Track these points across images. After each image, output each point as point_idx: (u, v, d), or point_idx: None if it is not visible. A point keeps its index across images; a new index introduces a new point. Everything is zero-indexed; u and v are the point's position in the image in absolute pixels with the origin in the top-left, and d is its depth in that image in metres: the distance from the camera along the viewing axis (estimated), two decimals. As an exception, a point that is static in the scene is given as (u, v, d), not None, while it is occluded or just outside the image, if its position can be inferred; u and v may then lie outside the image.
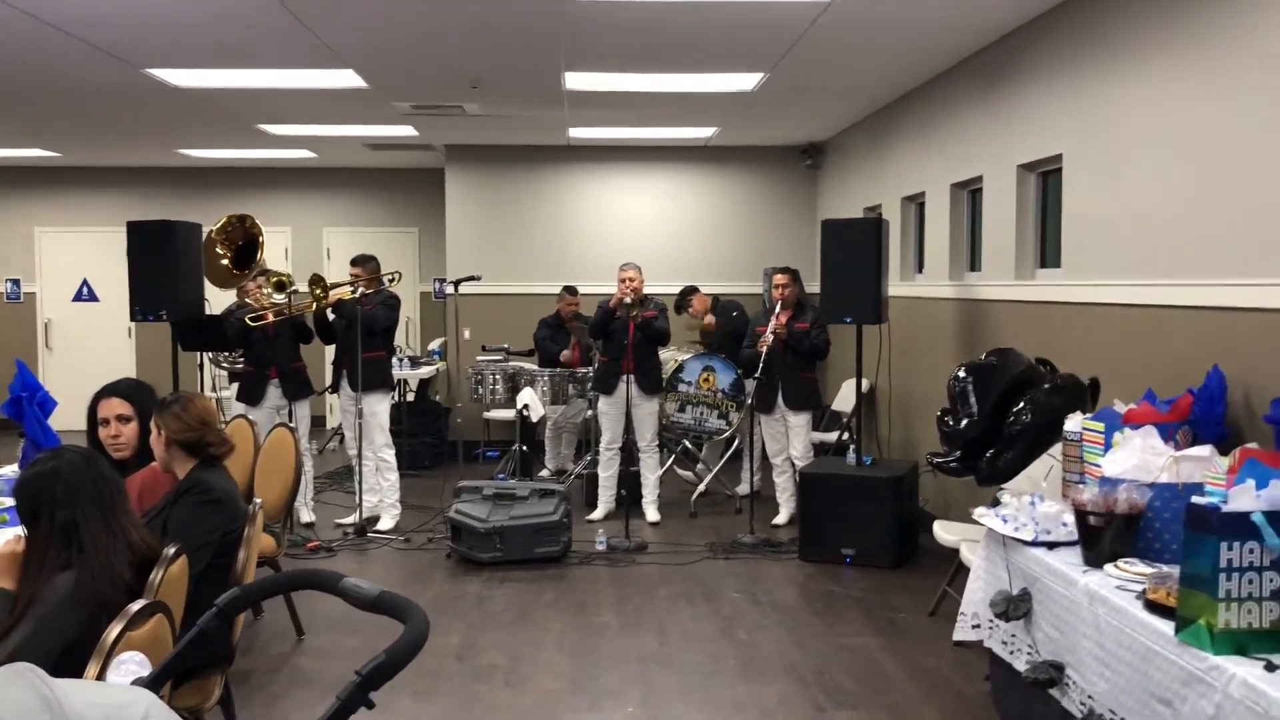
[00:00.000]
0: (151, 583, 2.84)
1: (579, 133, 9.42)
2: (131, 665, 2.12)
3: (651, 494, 7.62)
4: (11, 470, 4.76)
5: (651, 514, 7.57)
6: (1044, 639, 3.56)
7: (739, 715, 4.30)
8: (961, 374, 4.95)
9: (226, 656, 3.40)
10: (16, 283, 11.92)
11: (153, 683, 1.92)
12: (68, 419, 5.38)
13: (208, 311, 7.39)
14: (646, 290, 7.40)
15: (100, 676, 2.27)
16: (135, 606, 2.45)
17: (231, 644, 3.42)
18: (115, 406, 3.96)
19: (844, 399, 8.46)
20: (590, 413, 8.24)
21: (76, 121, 8.59)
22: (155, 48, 6.03)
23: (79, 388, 5.70)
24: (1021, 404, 4.64)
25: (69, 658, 2.58)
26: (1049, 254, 5.70)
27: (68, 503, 2.79)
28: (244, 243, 7.27)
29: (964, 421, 4.87)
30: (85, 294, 11.98)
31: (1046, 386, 4.64)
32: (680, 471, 8.73)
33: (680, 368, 7.85)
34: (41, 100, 7.60)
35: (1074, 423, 3.99)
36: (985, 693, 4.34)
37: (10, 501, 4.19)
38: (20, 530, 2.90)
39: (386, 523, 7.26)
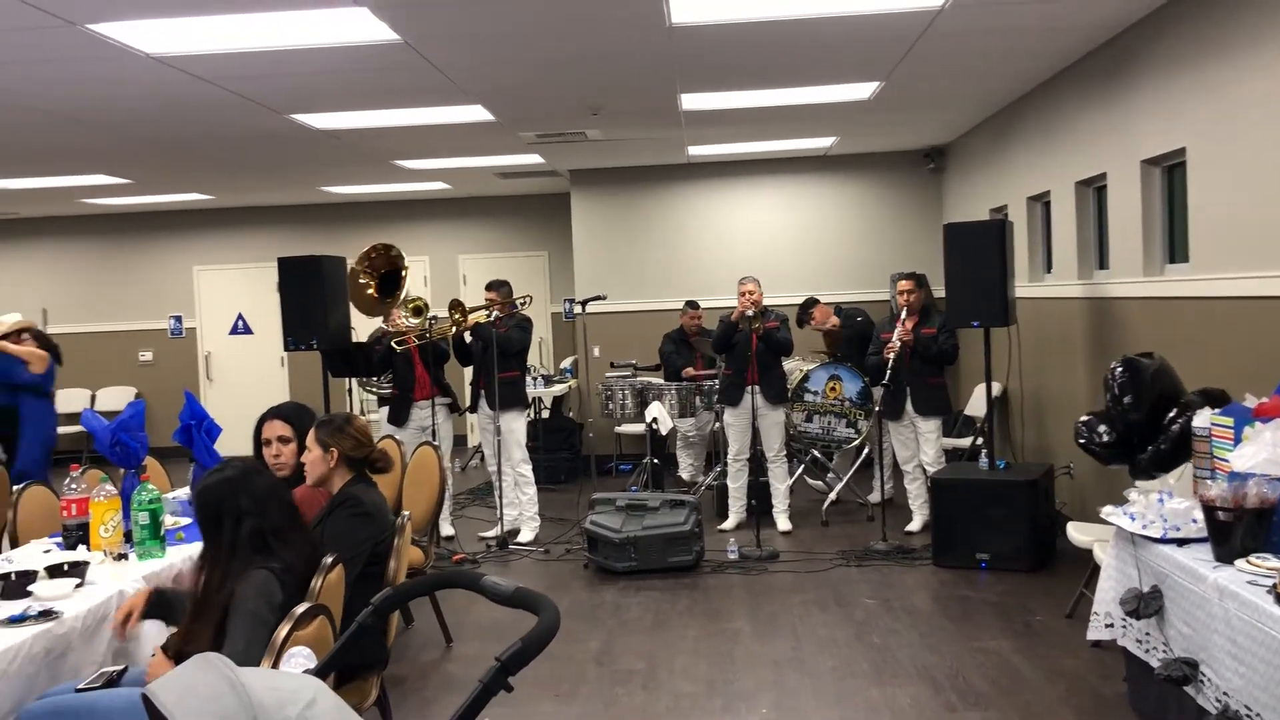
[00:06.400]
0: (313, 589, 3.11)
1: (698, 150, 9.60)
2: (300, 659, 2.35)
3: (782, 503, 7.70)
4: (185, 493, 5.17)
5: (783, 523, 7.65)
6: (1176, 636, 3.55)
7: (871, 716, 4.37)
8: (1120, 370, 4.77)
9: (382, 659, 3.66)
10: (179, 319, 12.73)
11: (319, 673, 2.14)
12: (230, 446, 5.78)
13: (355, 340, 7.78)
14: (771, 302, 7.50)
15: (273, 668, 2.52)
16: (300, 609, 2.71)
17: (386, 647, 3.68)
18: (277, 428, 4.30)
19: (976, 404, 8.39)
20: (717, 424, 8.37)
21: (229, 166, 9.18)
22: (297, 95, 6.44)
23: (238, 416, 6.12)
24: (1176, 410, 4.52)
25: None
26: (1177, 249, 5.61)
27: (254, 511, 3.07)
28: (387, 271, 7.63)
29: (1127, 398, 4.71)
30: (240, 327, 12.71)
31: (1198, 393, 4.53)
32: (810, 481, 8.79)
33: (806, 377, 7.92)
34: (199, 148, 8.18)
35: (1203, 418, 3.95)
36: (1123, 694, 4.31)
37: (186, 520, 4.59)
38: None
39: (526, 535, 7.53)
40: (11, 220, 12.67)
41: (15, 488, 5.11)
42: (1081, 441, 4.67)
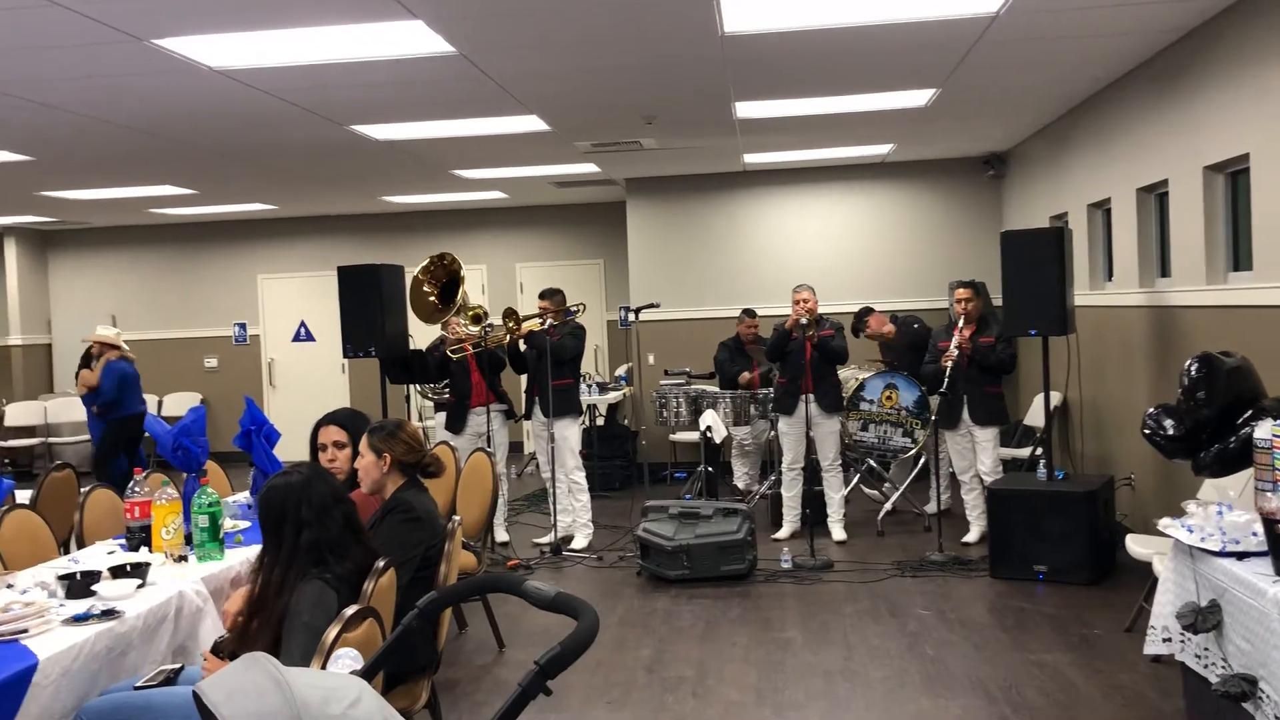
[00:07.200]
0: (365, 592, 3.16)
1: (754, 158, 9.59)
2: (347, 660, 2.40)
3: (837, 513, 7.66)
4: (245, 497, 5.28)
5: (837, 533, 7.60)
6: (1235, 651, 3.47)
7: (923, 728, 4.34)
8: (1195, 366, 4.62)
9: (432, 662, 3.70)
10: (243, 326, 12.99)
11: (365, 674, 2.18)
12: (290, 451, 5.89)
13: (412, 347, 7.89)
14: (827, 310, 7.47)
15: (321, 669, 2.57)
16: (350, 611, 2.76)
17: (436, 650, 3.73)
18: (333, 434, 4.38)
19: (1035, 413, 8.27)
20: (772, 433, 8.34)
21: (291, 176, 9.37)
22: (357, 106, 6.56)
23: (300, 421, 6.21)
24: (1252, 411, 4.40)
25: None
26: (1241, 256, 5.49)
27: (314, 522, 3.13)
28: (447, 280, 7.72)
29: (1200, 394, 4.56)
30: (303, 335, 12.94)
31: (1278, 400, 4.40)
32: (867, 491, 8.72)
33: (862, 386, 7.87)
34: (262, 159, 8.36)
35: (1264, 430, 3.85)
36: (1182, 710, 4.22)
37: (245, 524, 4.69)
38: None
39: (580, 542, 7.57)
40: (84, 230, 13.04)
41: (82, 490, 5.26)
42: (1146, 432, 4.54)
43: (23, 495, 5.33)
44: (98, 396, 8.78)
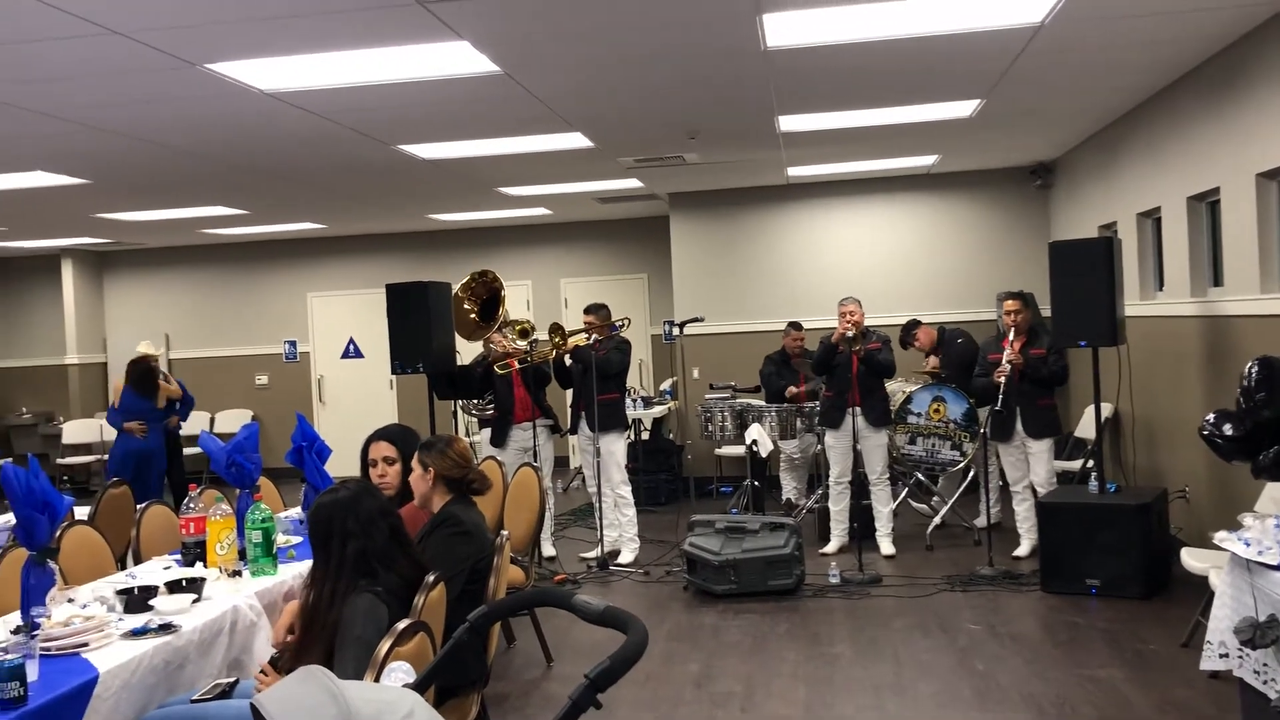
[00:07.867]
0: (415, 606, 3.20)
1: (797, 171, 9.58)
2: (400, 673, 2.43)
3: (885, 527, 7.61)
4: (297, 512, 5.35)
5: (886, 547, 7.55)
6: (1294, 667, 3.41)
7: (974, 745, 4.29)
8: (1256, 369, 4.55)
9: (482, 677, 3.73)
10: (293, 344, 13.17)
11: (417, 688, 2.21)
12: (340, 466, 5.97)
13: (459, 363, 7.95)
14: (873, 322, 7.43)
15: (374, 682, 2.60)
16: (401, 625, 2.79)
17: (486, 665, 3.75)
18: (383, 449, 4.44)
19: (1087, 425, 8.17)
20: (819, 447, 8.31)
21: (340, 196, 9.50)
22: (404, 126, 6.65)
23: (350, 438, 6.30)
24: None
25: None
26: (1296, 264, 5.41)
27: (360, 534, 3.18)
28: (488, 297, 7.80)
29: (1260, 395, 4.48)
30: (352, 351, 13.09)
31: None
32: (915, 504, 8.66)
33: (909, 399, 7.82)
34: (312, 179, 8.49)
35: (1322, 441, 3.79)
36: (1240, 726, 4.15)
37: (297, 539, 4.76)
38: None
39: (626, 556, 7.58)
40: (138, 250, 13.30)
41: (139, 507, 5.36)
42: (1205, 434, 4.47)
43: (81, 512, 5.44)
44: (188, 406, 9.30)
